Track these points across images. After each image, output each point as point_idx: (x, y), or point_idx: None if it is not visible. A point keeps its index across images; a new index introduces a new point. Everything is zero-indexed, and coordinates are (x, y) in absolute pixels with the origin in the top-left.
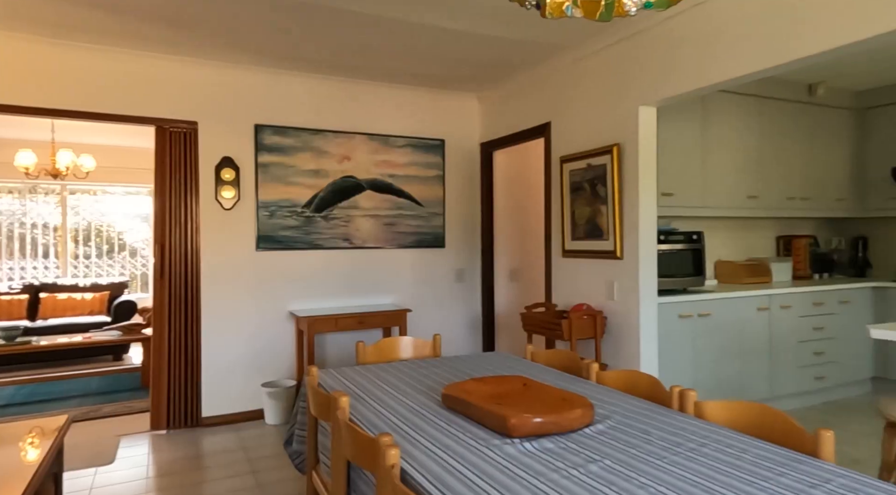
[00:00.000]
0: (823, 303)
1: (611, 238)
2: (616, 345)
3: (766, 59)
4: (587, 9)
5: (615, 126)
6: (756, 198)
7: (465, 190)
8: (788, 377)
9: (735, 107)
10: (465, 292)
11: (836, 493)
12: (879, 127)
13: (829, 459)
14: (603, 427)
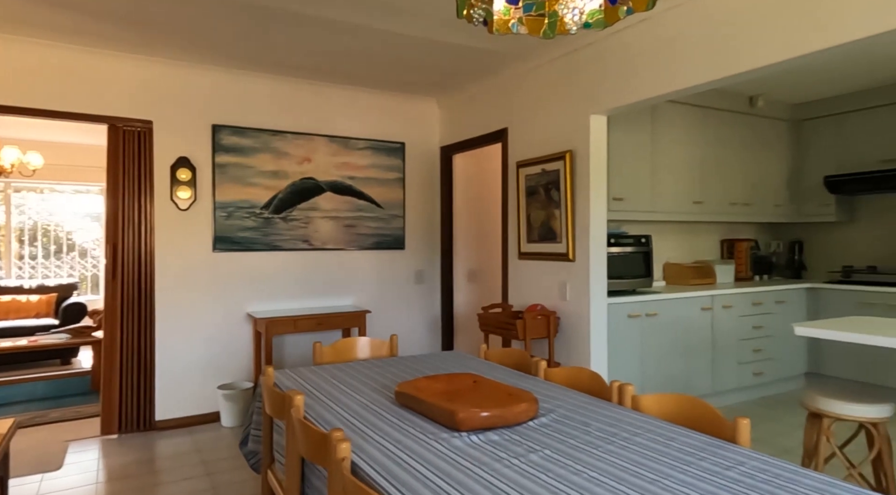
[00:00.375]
0: (762, 303)
1: (564, 241)
2: (568, 343)
3: (710, 73)
4: (531, 26)
5: (568, 133)
6: (701, 204)
7: (424, 192)
8: (729, 373)
9: (682, 116)
10: (425, 293)
11: (748, 474)
12: (813, 138)
13: (745, 444)
14: (546, 420)
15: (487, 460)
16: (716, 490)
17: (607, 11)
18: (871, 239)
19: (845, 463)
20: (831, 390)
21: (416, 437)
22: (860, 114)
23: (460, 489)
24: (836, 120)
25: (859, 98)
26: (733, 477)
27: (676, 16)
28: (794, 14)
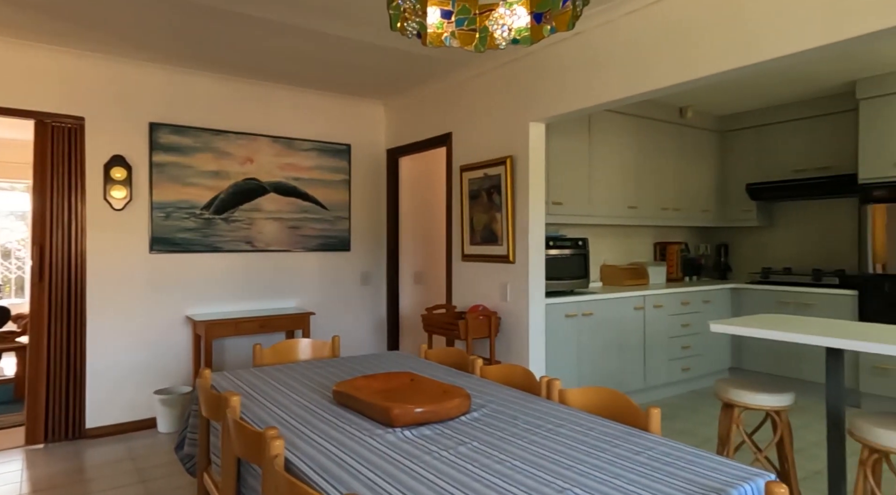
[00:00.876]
0: (690, 303)
1: (505, 243)
2: (509, 342)
3: (631, 88)
4: (464, 40)
5: (509, 139)
6: (635, 209)
7: (371, 194)
8: (660, 369)
9: (617, 125)
10: (371, 295)
11: (654, 457)
12: (737, 148)
13: (655, 432)
14: (478, 414)
15: (418, 453)
16: (624, 473)
17: (533, 29)
18: (787, 242)
19: (753, 449)
20: (742, 382)
21: (351, 434)
22: (778, 126)
23: (389, 480)
24: (757, 131)
25: (777, 112)
26: (641, 461)
27: (603, 33)
28: (705, 37)
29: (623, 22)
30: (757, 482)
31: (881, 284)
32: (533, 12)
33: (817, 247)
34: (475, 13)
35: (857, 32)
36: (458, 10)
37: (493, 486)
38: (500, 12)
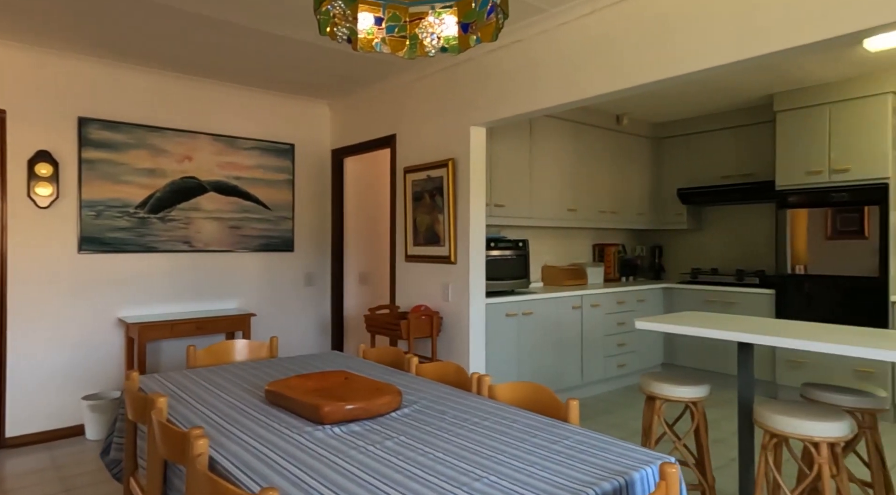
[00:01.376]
0: (625, 302)
1: (447, 244)
2: (450, 341)
3: (571, 94)
4: (394, 47)
5: (451, 142)
6: (575, 211)
7: (315, 194)
8: (597, 366)
9: (557, 130)
10: (315, 295)
11: (570, 446)
12: (670, 154)
13: (574, 422)
14: (408, 410)
15: (345, 448)
16: (540, 460)
17: (460, 38)
18: (715, 244)
19: (673, 438)
20: (663, 376)
21: (280, 432)
22: (706, 135)
23: (313, 475)
24: (688, 139)
25: (706, 121)
26: (557, 450)
27: (541, 42)
28: (632, 50)
29: (558, 32)
30: (656, 465)
31: (796, 283)
32: (460, 22)
33: (741, 249)
34: (405, 21)
35: (764, 51)
36: (389, 17)
37: (413, 477)
38: (430, 21)
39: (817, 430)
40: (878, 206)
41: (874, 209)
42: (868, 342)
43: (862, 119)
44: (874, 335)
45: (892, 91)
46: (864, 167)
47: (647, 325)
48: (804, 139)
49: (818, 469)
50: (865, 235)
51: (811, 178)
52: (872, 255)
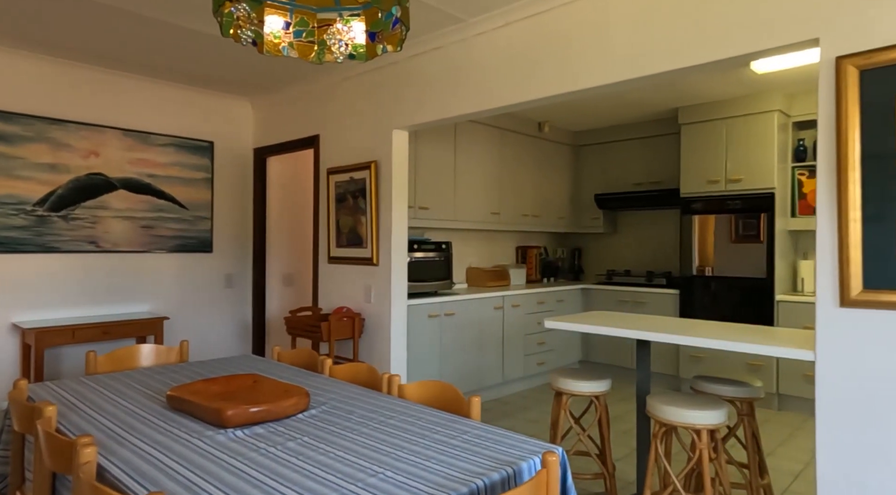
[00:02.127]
0: (545, 302)
1: (369, 246)
2: (371, 343)
3: (486, 102)
4: (302, 51)
5: (374, 144)
6: (498, 215)
7: (236, 194)
8: (517, 364)
9: (481, 135)
10: (235, 298)
11: (468, 440)
12: (588, 161)
13: (475, 418)
14: (316, 412)
15: (245, 450)
16: (437, 455)
17: (368, 47)
18: (628, 247)
19: (578, 430)
20: (569, 372)
21: (179, 437)
22: (621, 144)
23: (209, 478)
24: (604, 148)
25: (620, 131)
26: (455, 444)
27: (460, 49)
28: (540, 65)
29: (475, 42)
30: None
31: (698, 284)
32: (368, 31)
33: (651, 252)
34: (313, 26)
35: (656, 70)
36: (297, 21)
37: (310, 476)
38: (338, 28)
39: (698, 419)
40: (765, 214)
41: (763, 216)
42: (746, 338)
43: (752, 134)
44: (758, 332)
45: (778, 109)
46: (754, 178)
47: (556, 325)
48: (704, 150)
49: (699, 453)
50: (760, 240)
51: (710, 187)
52: (762, 258)
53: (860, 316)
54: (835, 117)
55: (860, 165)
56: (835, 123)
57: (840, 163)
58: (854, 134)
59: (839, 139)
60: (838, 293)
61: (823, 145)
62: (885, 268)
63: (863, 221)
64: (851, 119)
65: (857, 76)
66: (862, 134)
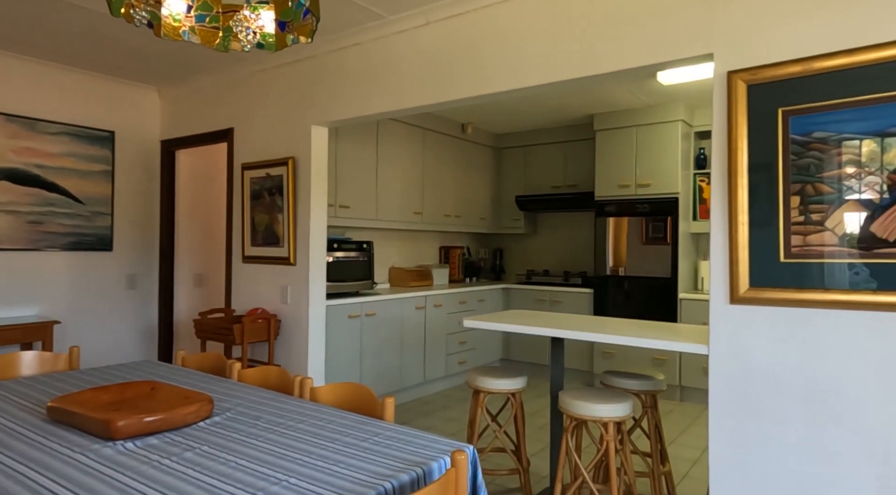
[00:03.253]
0: (466, 302)
1: (286, 245)
2: (288, 345)
3: (402, 102)
4: (205, 37)
5: (291, 140)
6: (420, 214)
7: (140, 188)
8: (439, 363)
9: (404, 134)
10: (139, 300)
11: (378, 442)
12: (509, 163)
13: (388, 419)
14: (219, 419)
15: (135, 464)
16: (346, 459)
17: (278, 37)
18: (547, 247)
19: (494, 427)
20: (486, 371)
21: (58, 453)
22: (540, 147)
23: None
24: (525, 150)
25: (540, 134)
26: (365, 447)
27: (378, 47)
28: (454, 67)
29: (395, 40)
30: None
31: (611, 283)
32: (278, 20)
33: (569, 252)
34: (218, 11)
35: (563, 78)
36: (199, 5)
37: (206, 487)
38: (245, 14)
39: (605, 412)
40: (670, 217)
41: (669, 219)
42: (649, 334)
43: (659, 141)
44: (661, 329)
45: (681, 119)
46: (660, 183)
47: (475, 324)
48: (617, 156)
49: (606, 445)
50: (666, 241)
51: (622, 191)
52: (668, 259)
53: (747, 312)
54: (726, 127)
55: (748, 172)
56: (726, 133)
57: (730, 170)
58: (742, 143)
59: (730, 147)
60: (728, 291)
61: (717, 153)
62: (768, 267)
63: (750, 225)
64: (740, 129)
65: (745, 90)
66: (749, 143)
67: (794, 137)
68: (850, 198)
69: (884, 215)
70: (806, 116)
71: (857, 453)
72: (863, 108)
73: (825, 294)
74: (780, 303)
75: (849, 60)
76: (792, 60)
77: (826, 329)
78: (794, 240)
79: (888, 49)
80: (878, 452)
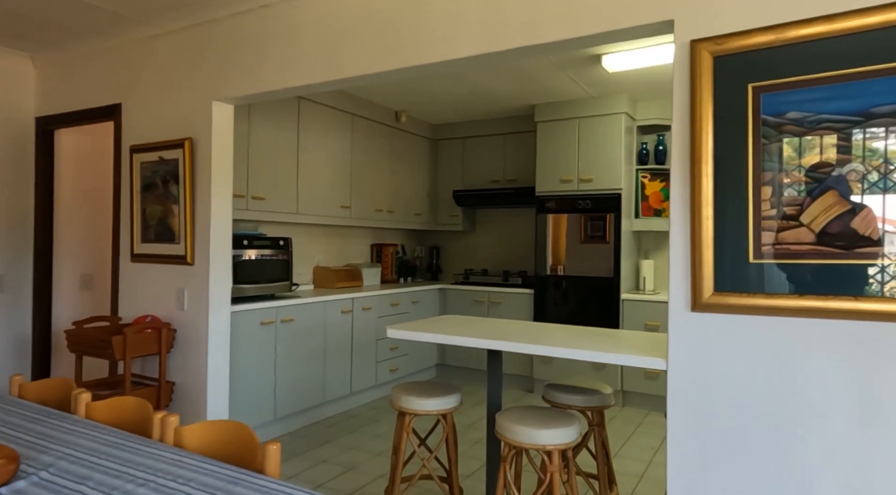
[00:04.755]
0: (399, 304)
1: (182, 241)
2: (184, 359)
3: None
4: None
5: (189, 118)
6: (349, 209)
7: (9, 173)
8: (367, 372)
9: (330, 119)
10: (9, 305)
11: None
12: (447, 156)
13: (271, 473)
14: (24, 484)
15: None
16: None
17: None
18: (486, 246)
19: (421, 455)
20: (413, 388)
21: None
22: (479, 139)
23: None
24: (462, 142)
25: (478, 126)
26: None
27: (294, 8)
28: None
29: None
30: None
31: (551, 283)
32: None
33: (509, 251)
34: None
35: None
36: None
37: None
38: None
39: (548, 439)
40: (613, 214)
41: (611, 216)
42: (596, 346)
43: (602, 135)
44: (607, 337)
45: (624, 112)
46: (603, 178)
47: (399, 334)
48: (559, 149)
49: (550, 476)
50: (607, 240)
51: (564, 186)
52: (610, 258)
53: (710, 320)
54: (688, 106)
55: (713, 159)
56: (688, 113)
57: (693, 155)
58: (707, 125)
59: (693, 130)
60: (690, 296)
61: (678, 136)
62: (735, 269)
63: (715, 219)
64: (704, 108)
65: (711, 62)
66: (714, 125)
67: (766, 118)
68: (828, 188)
69: (865, 209)
70: (779, 94)
71: (830, 481)
72: (844, 84)
73: (799, 300)
74: (748, 310)
75: (828, 28)
76: (763, 27)
77: (799, 341)
78: (765, 237)
79: (874, 14)
80: (855, 481)
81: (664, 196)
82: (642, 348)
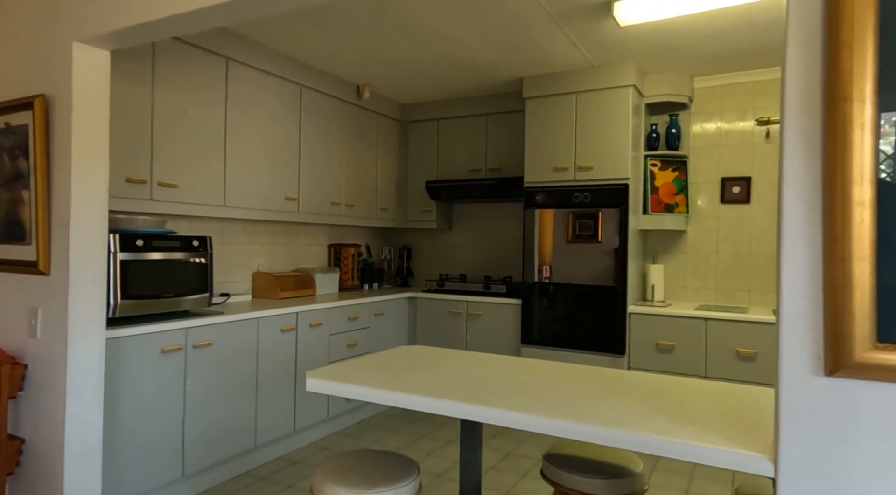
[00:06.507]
0: (358, 317)
1: (33, 242)
2: (37, 405)
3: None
4: None
5: (39, 68)
6: (295, 201)
7: None
8: (317, 405)
9: (269, 89)
10: None
11: None
12: (419, 141)
13: None
14: None
15: None
16: None
17: None
18: (465, 246)
19: None
20: (346, 470)
21: None
22: (456, 121)
23: None
24: (436, 124)
25: (456, 105)
26: None
27: None
28: None
29: None
30: None
31: (542, 292)
32: None
33: (491, 253)
34: None
35: None
36: None
37: None
38: None
39: None
40: (619, 209)
41: (615, 212)
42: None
43: (606, 113)
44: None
45: (632, 84)
46: (606, 166)
47: (319, 386)
48: (552, 131)
49: None
50: (609, 240)
51: (558, 175)
52: (613, 263)
53: (865, 393)
54: (823, 6)
55: (874, 101)
56: (823, 18)
57: (834, 93)
58: (867, 37)
59: (831, 48)
60: (823, 350)
61: (797, 62)
62: None
63: (878, 210)
64: (862, 7)
65: None
66: (881, 40)
67: None
68: None
69: None
70: None
71: None
72: None
73: None
74: None
75: None
76: None
77: None
78: None
79: None
80: None
81: (677, 187)
82: (717, 421)
